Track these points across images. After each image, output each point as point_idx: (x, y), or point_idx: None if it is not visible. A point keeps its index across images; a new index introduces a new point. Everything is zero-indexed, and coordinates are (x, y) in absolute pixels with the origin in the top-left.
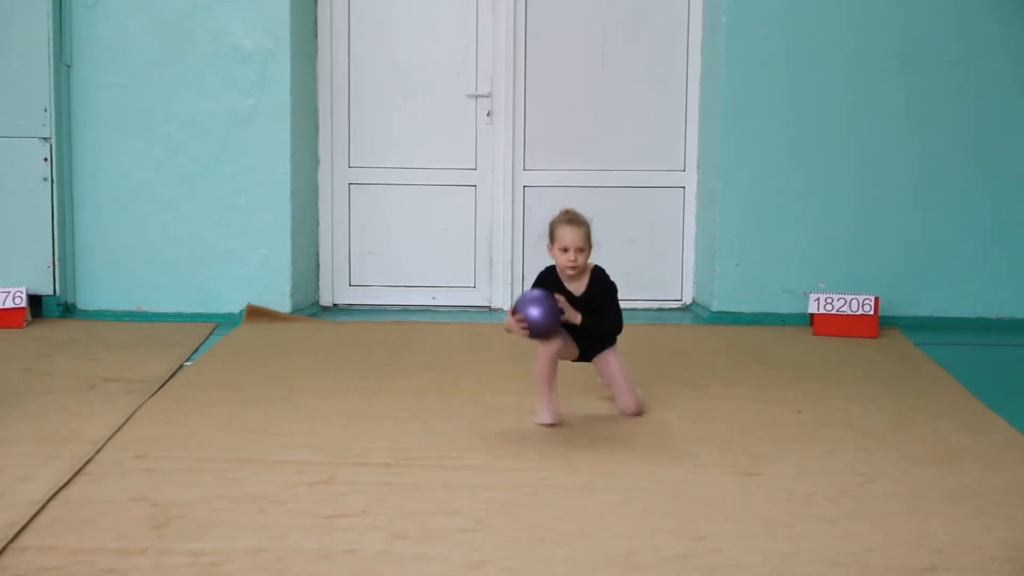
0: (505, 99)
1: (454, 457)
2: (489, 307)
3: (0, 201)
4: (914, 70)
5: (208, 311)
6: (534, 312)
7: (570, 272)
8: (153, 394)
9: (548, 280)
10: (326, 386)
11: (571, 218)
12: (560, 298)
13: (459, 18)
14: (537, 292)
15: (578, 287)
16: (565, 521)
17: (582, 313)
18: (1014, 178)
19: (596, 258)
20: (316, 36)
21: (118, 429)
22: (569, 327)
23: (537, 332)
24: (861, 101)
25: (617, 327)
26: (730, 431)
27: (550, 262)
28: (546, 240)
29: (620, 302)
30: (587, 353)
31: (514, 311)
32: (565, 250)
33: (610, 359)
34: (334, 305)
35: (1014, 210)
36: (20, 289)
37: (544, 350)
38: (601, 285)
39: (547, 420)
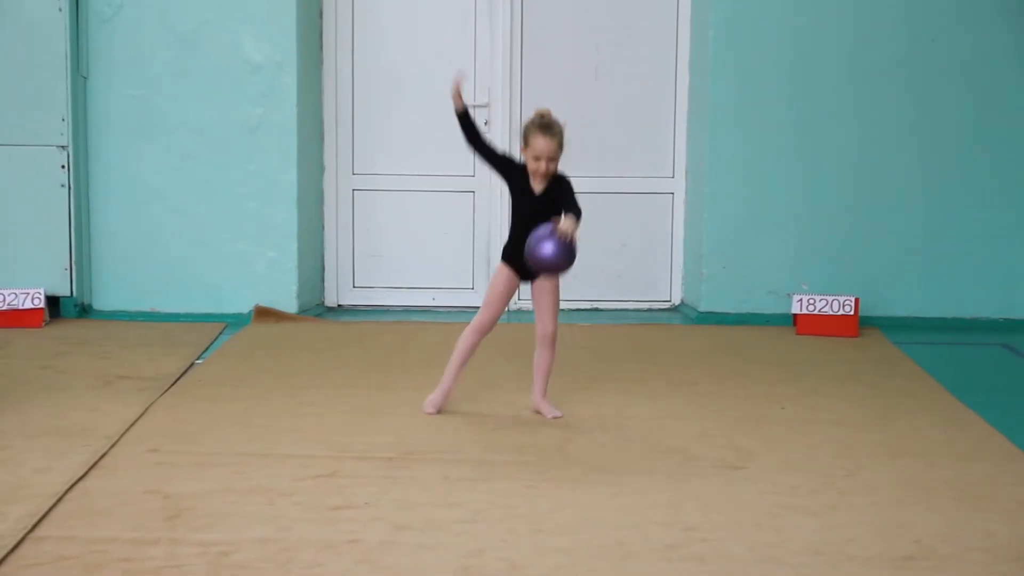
0: (502, 109)
1: (453, 451)
2: None
3: (19, 206)
4: (894, 79)
5: (218, 311)
6: (548, 249)
7: (538, 180)
8: (166, 391)
9: (514, 170)
10: (331, 383)
11: (546, 124)
12: (564, 227)
13: (458, 32)
14: (542, 231)
15: (538, 186)
16: (560, 512)
17: (548, 198)
18: (989, 185)
19: (589, 262)
20: (322, 49)
21: (132, 424)
22: (531, 225)
23: (555, 264)
24: (843, 110)
25: (578, 213)
26: (717, 426)
27: None
28: (520, 142)
29: (611, 301)
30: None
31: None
32: (537, 159)
33: (551, 280)
34: (339, 306)
35: (989, 216)
36: (39, 290)
37: (476, 325)
38: (559, 185)
39: (431, 410)
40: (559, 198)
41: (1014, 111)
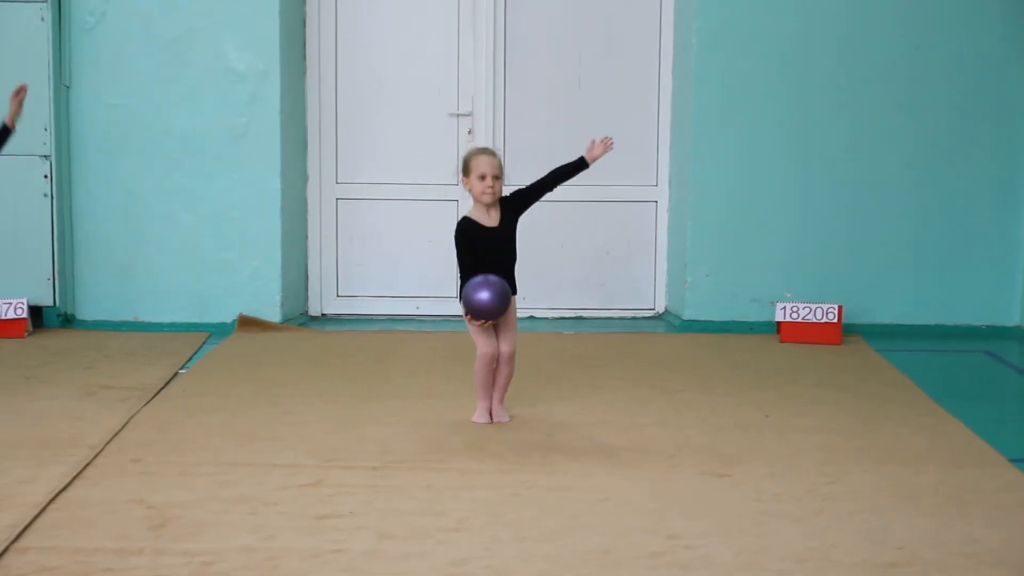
0: (485, 117)
1: (438, 460)
2: None
3: (2, 216)
4: (878, 87)
5: (202, 321)
6: (483, 296)
7: (487, 199)
8: (149, 401)
9: (467, 230)
10: (315, 392)
11: (484, 148)
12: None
13: (442, 40)
14: (476, 279)
15: (493, 219)
16: (545, 520)
17: (504, 230)
18: (969, 194)
19: (572, 270)
20: (305, 58)
21: (116, 434)
22: (496, 264)
23: (491, 312)
24: (827, 118)
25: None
26: (701, 434)
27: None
28: (460, 176)
29: (595, 309)
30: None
31: (467, 310)
32: (483, 177)
33: (510, 310)
34: (322, 315)
35: (970, 224)
36: (21, 300)
37: (483, 356)
38: (511, 201)
39: (483, 420)
40: (522, 201)
41: (998, 118)
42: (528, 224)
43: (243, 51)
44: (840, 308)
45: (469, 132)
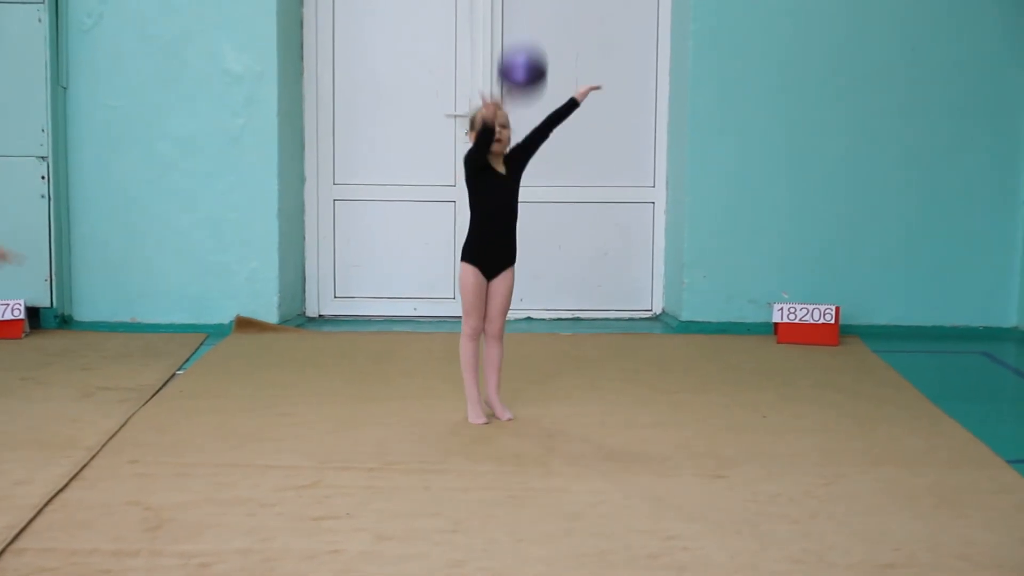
0: None
1: (435, 461)
2: None
3: None
4: (874, 88)
5: (199, 322)
6: (520, 57)
7: (498, 148)
8: (146, 402)
9: (484, 152)
10: (312, 394)
11: (488, 102)
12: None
13: (439, 42)
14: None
15: (501, 167)
16: (542, 522)
17: (512, 180)
18: (966, 196)
19: (570, 271)
20: (302, 59)
21: (113, 435)
22: (498, 215)
23: (529, 75)
24: (823, 120)
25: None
26: (698, 435)
27: None
28: (468, 130)
29: (592, 310)
30: (496, 267)
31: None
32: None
33: (506, 281)
34: (320, 316)
35: (967, 226)
36: (19, 302)
37: (471, 331)
38: (516, 149)
39: (481, 420)
40: (524, 146)
41: (995, 120)
42: (526, 225)
43: (240, 53)
44: (837, 309)
45: (466, 133)
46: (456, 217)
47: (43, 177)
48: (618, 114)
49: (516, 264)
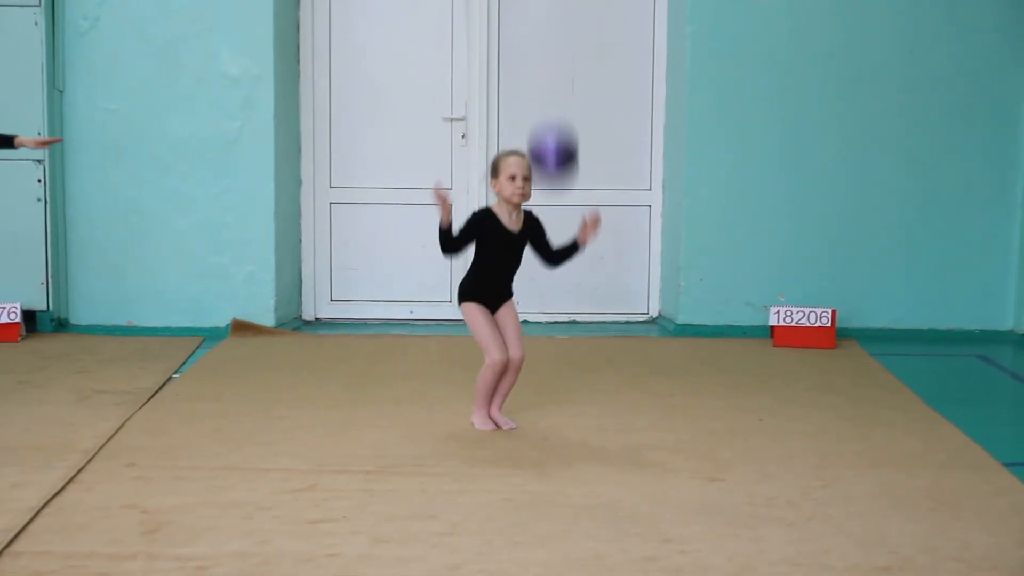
0: (479, 122)
1: (432, 464)
2: (464, 320)
3: None
4: (871, 91)
5: (195, 325)
6: (550, 141)
7: (517, 200)
8: (143, 405)
9: (486, 221)
10: (309, 397)
11: (514, 150)
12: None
13: (435, 45)
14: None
15: (515, 224)
16: (538, 525)
17: (523, 238)
18: (963, 198)
19: (566, 275)
20: (299, 62)
21: (109, 439)
22: (503, 268)
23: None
24: (820, 122)
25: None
26: (695, 438)
27: None
28: (488, 177)
29: (589, 314)
30: (496, 303)
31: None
32: (513, 178)
33: (511, 309)
34: (316, 319)
35: (963, 228)
36: (15, 305)
37: (494, 364)
38: (535, 222)
39: (487, 427)
40: (538, 236)
41: (991, 122)
42: None
43: (237, 55)
44: (834, 312)
45: (463, 136)
46: (453, 221)
47: (39, 180)
48: (614, 116)
49: None
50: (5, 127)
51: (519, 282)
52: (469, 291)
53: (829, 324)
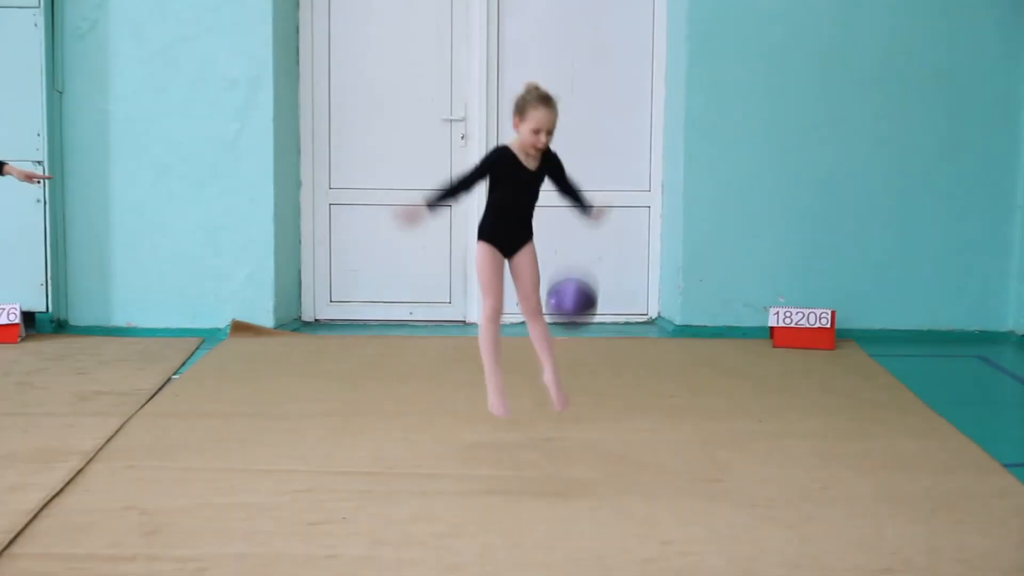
0: (478, 123)
1: (431, 465)
2: (464, 321)
3: None
4: (868, 95)
5: (195, 326)
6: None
7: (533, 153)
8: (142, 407)
9: (504, 160)
10: (308, 398)
11: (544, 96)
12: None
13: (434, 46)
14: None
15: (531, 164)
16: (538, 526)
17: (540, 176)
18: (961, 199)
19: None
20: (298, 64)
21: (109, 440)
22: (520, 205)
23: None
24: (818, 125)
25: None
26: (694, 440)
27: None
28: (512, 112)
29: None
30: (514, 244)
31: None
32: (537, 131)
33: (529, 254)
34: (316, 320)
35: (962, 229)
36: (14, 306)
37: (490, 311)
38: (553, 159)
39: (502, 411)
40: (557, 175)
41: (985, 123)
42: None
43: (236, 57)
44: (833, 313)
45: (463, 137)
46: (452, 221)
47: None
48: (613, 118)
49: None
50: (5, 128)
51: None
52: (484, 229)
53: (829, 325)
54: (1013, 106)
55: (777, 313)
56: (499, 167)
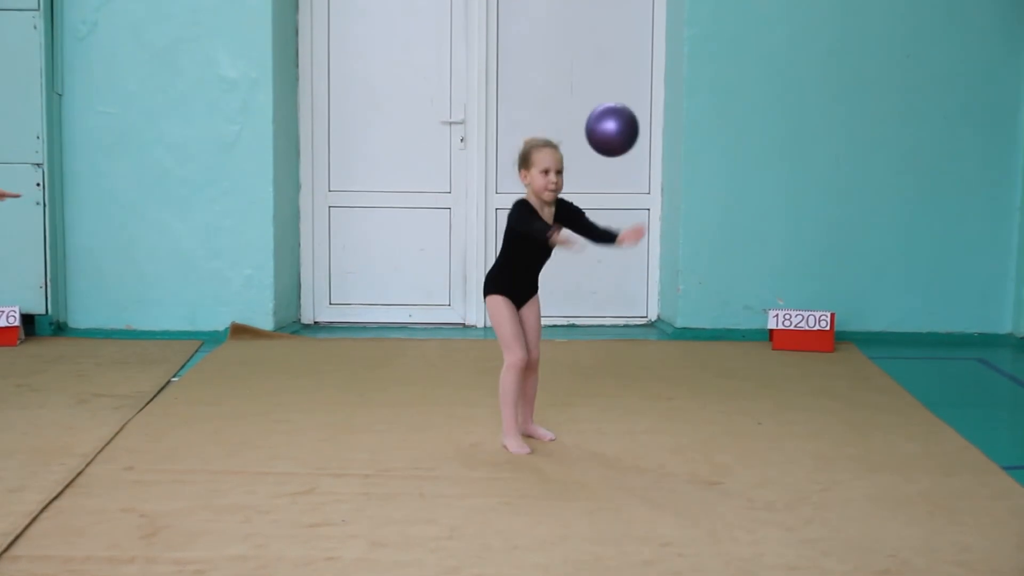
0: (478, 125)
1: (430, 468)
2: (463, 324)
3: None
4: (868, 96)
5: (194, 329)
6: (610, 126)
7: (548, 197)
8: (141, 409)
9: (526, 212)
10: (308, 401)
11: (548, 141)
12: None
13: (434, 48)
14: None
15: (549, 217)
16: (537, 528)
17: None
18: (961, 201)
19: (565, 278)
20: (297, 66)
21: (108, 443)
22: (535, 261)
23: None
24: (818, 126)
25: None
26: (693, 442)
27: None
28: (517, 168)
29: (587, 317)
30: (524, 297)
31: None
32: (546, 172)
33: (535, 307)
34: (315, 323)
35: (961, 231)
36: (13, 308)
37: (515, 364)
38: (569, 207)
39: (524, 450)
40: (576, 219)
41: (987, 126)
42: None
43: (235, 59)
44: (832, 315)
45: (462, 140)
46: (451, 224)
47: (38, 184)
48: None
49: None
50: (4, 130)
51: None
52: (497, 283)
53: (828, 327)
54: (1013, 108)
55: (776, 315)
56: (526, 217)
